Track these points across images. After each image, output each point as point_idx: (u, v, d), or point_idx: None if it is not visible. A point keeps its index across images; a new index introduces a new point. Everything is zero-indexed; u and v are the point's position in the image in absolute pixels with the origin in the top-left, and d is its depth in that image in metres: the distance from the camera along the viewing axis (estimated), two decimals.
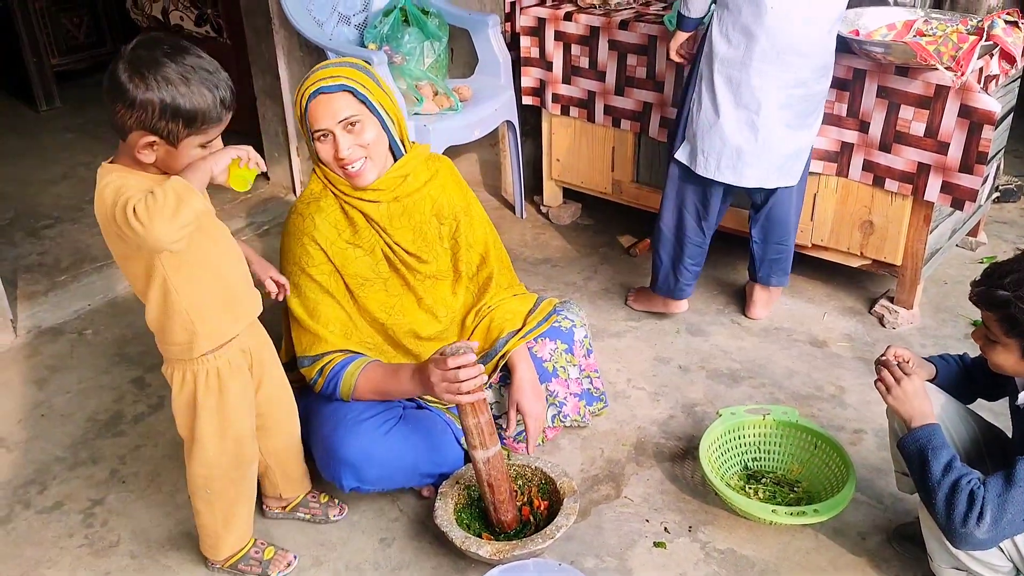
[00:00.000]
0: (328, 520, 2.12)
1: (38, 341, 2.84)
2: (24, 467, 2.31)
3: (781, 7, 2.34)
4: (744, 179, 2.54)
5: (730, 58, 2.43)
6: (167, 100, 1.46)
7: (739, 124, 2.47)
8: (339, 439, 1.98)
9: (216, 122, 1.53)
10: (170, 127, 1.48)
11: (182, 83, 1.46)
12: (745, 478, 2.21)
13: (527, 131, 3.56)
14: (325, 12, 3.31)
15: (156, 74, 1.46)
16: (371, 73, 2.00)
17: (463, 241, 2.20)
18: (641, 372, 2.65)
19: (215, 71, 1.52)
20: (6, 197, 3.82)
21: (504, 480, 1.94)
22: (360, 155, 1.97)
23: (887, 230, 2.75)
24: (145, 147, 1.51)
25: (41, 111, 4.84)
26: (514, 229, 3.52)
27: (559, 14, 3.17)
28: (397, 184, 2.05)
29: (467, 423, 1.88)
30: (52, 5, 4.84)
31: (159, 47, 1.49)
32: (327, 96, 1.92)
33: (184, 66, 1.48)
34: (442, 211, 2.16)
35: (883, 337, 2.80)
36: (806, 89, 2.45)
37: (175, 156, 1.53)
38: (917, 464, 1.68)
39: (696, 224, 2.68)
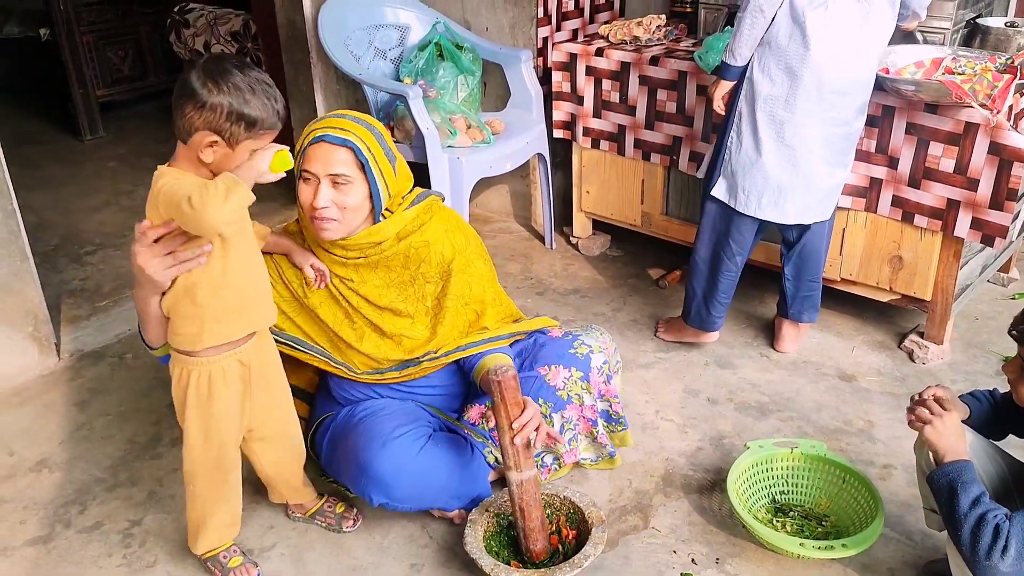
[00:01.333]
0: (340, 530, 2.18)
1: (80, 364, 2.91)
2: (65, 487, 2.37)
3: (826, 47, 2.37)
4: (786, 216, 2.57)
5: (774, 96, 2.46)
6: (234, 104, 1.64)
7: (781, 161, 2.50)
8: (371, 456, 2.01)
9: (271, 129, 1.70)
10: (233, 129, 1.66)
11: (248, 91, 1.65)
12: (773, 511, 2.22)
13: (557, 163, 3.62)
14: (362, 47, 3.40)
15: (227, 81, 1.65)
16: (382, 137, 1.98)
17: (455, 298, 2.13)
18: (669, 404, 2.67)
19: (273, 86, 1.71)
20: (51, 224, 3.94)
21: (536, 507, 1.97)
22: (334, 215, 1.94)
23: (916, 265, 2.76)
24: (207, 147, 1.67)
25: (85, 140, 4.99)
26: (544, 260, 3.57)
27: (590, 50, 3.23)
28: (367, 248, 2.04)
29: (504, 441, 1.91)
30: (99, 39, 5.01)
31: (229, 61, 1.69)
32: (329, 146, 1.91)
33: (250, 78, 1.67)
34: (423, 268, 2.11)
35: (913, 372, 2.80)
36: (847, 128, 2.50)
37: (230, 158, 1.69)
38: (946, 497, 1.69)
39: (730, 259, 2.71)
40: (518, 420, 1.90)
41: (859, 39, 2.40)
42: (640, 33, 3.20)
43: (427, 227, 2.11)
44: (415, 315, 2.13)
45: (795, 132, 2.47)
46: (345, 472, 2.10)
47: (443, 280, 2.13)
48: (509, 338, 2.22)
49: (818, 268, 2.77)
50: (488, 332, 2.19)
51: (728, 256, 2.71)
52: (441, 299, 2.13)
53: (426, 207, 2.11)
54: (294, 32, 3.57)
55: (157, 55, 5.28)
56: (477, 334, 2.18)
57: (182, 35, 4.56)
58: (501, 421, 1.91)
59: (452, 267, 2.12)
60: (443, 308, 2.13)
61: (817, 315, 2.86)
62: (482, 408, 2.23)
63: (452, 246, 2.13)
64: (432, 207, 2.13)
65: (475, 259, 2.18)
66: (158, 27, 5.14)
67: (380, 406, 2.13)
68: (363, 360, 2.14)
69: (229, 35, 4.31)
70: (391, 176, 2.00)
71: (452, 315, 2.14)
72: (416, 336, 2.13)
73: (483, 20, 3.53)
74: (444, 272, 2.12)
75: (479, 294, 2.18)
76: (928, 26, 2.82)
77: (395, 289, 2.11)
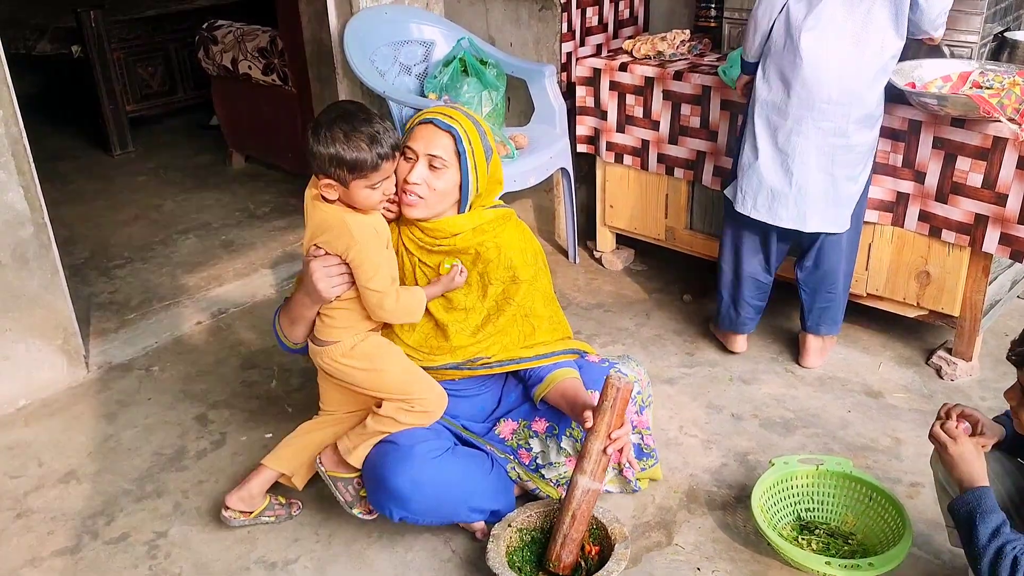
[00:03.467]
0: (291, 517, 2.29)
1: (108, 376, 2.95)
2: (93, 498, 2.40)
3: (817, 63, 2.44)
4: (778, 219, 2.63)
5: (770, 101, 2.56)
6: (332, 152, 1.87)
7: (775, 166, 2.59)
8: (388, 469, 2.02)
9: (373, 169, 1.89)
10: (337, 173, 1.89)
11: (345, 140, 1.87)
12: (798, 529, 2.19)
13: (581, 177, 3.62)
14: (387, 62, 3.43)
15: (328, 134, 1.87)
16: (484, 135, 2.08)
17: (517, 307, 2.16)
18: (693, 419, 2.65)
19: (380, 132, 1.89)
20: (81, 238, 4.00)
21: (586, 520, 1.97)
22: (423, 193, 2.04)
23: (944, 281, 2.73)
24: (326, 187, 1.93)
25: (115, 155, 5.06)
26: (567, 274, 3.57)
27: (614, 65, 3.24)
28: (443, 236, 2.10)
29: (591, 446, 1.92)
30: (129, 56, 5.09)
31: (335, 112, 1.91)
32: (434, 128, 2.04)
33: (349, 126, 1.87)
34: (490, 269, 2.15)
35: (941, 389, 2.76)
36: (847, 140, 2.51)
37: (349, 195, 1.93)
38: (966, 527, 1.67)
39: (750, 259, 2.77)
40: (616, 432, 1.92)
41: (853, 56, 2.45)
42: (664, 48, 3.21)
43: (502, 232, 2.17)
44: (470, 311, 2.16)
45: (787, 138, 2.54)
46: (365, 486, 2.11)
47: (507, 286, 2.16)
48: (569, 354, 2.24)
49: (833, 281, 2.75)
50: (543, 347, 2.21)
51: (745, 257, 2.77)
52: (502, 304, 2.16)
53: (505, 214, 2.19)
54: (320, 48, 3.61)
55: (186, 71, 5.35)
56: (532, 348, 2.20)
57: (210, 51, 4.62)
58: (600, 426, 1.91)
59: (520, 277, 2.16)
60: (501, 312, 2.16)
61: (837, 329, 2.84)
62: (515, 425, 2.24)
63: (523, 257, 2.18)
64: (510, 216, 2.21)
65: (542, 275, 2.24)
66: (187, 44, 5.21)
67: None
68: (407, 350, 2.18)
69: (256, 51, 4.36)
70: (484, 172, 2.09)
71: (507, 321, 2.16)
72: (462, 331, 2.16)
73: (507, 36, 3.55)
74: (510, 279, 2.16)
75: (539, 309, 2.22)
76: (955, 40, 2.80)
77: None
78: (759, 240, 2.75)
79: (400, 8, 3.51)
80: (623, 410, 1.93)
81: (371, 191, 1.93)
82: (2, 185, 2.58)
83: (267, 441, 2.57)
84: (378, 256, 2.00)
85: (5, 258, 2.64)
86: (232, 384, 2.87)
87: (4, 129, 2.55)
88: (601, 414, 1.92)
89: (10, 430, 2.68)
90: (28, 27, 5.24)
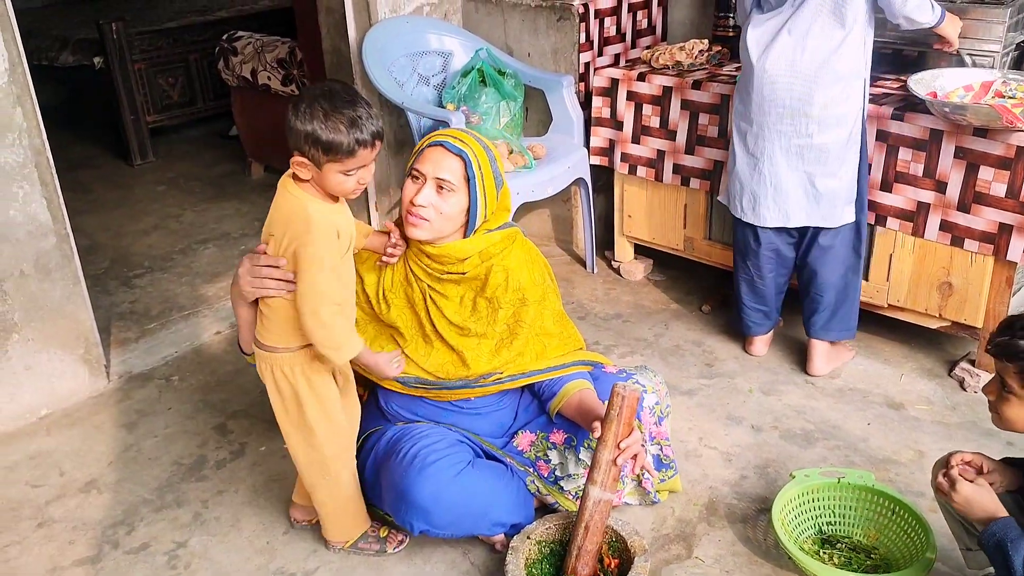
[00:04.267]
0: (386, 553, 2.21)
1: (129, 386, 2.97)
2: (114, 508, 2.41)
3: (765, 70, 2.58)
4: (763, 220, 2.75)
5: (739, 111, 2.73)
6: (308, 130, 1.77)
7: (749, 169, 2.73)
8: (409, 483, 2.01)
9: (348, 154, 1.79)
10: (312, 152, 1.79)
11: (324, 119, 1.76)
12: (820, 542, 2.17)
13: (599, 187, 3.62)
14: (405, 73, 3.44)
15: (308, 109, 1.77)
16: (494, 160, 2.06)
17: (528, 327, 2.16)
18: (712, 431, 2.64)
19: (362, 117, 1.79)
20: (101, 247, 4.03)
21: (600, 532, 1.95)
22: (429, 215, 2.02)
23: (967, 291, 2.71)
24: (299, 164, 1.83)
25: (135, 165, 5.09)
26: (585, 284, 3.56)
27: (632, 75, 3.24)
28: (451, 263, 2.09)
29: (599, 456, 1.90)
30: (150, 67, 5.13)
31: (319, 88, 1.81)
32: (444, 151, 2.02)
33: (330, 105, 1.77)
34: (499, 293, 2.13)
35: (964, 401, 2.73)
36: (810, 139, 2.61)
37: (321, 178, 1.83)
38: (999, 558, 1.66)
39: (752, 263, 2.85)
40: (625, 440, 1.90)
41: (800, 61, 2.54)
42: (682, 58, 3.20)
43: (509, 254, 2.15)
44: (482, 337, 2.15)
45: (755, 142, 2.68)
46: (386, 499, 2.11)
47: (516, 308, 2.15)
48: (582, 365, 2.23)
49: (821, 284, 2.78)
50: (556, 360, 2.20)
51: (750, 260, 2.85)
52: (513, 326, 2.15)
53: (510, 234, 2.17)
54: (339, 59, 3.63)
55: (206, 82, 5.39)
56: (548, 360, 2.20)
57: (230, 62, 4.65)
58: (607, 436, 1.90)
59: (529, 297, 2.15)
60: (514, 335, 2.16)
61: (839, 335, 2.84)
62: (532, 437, 2.23)
63: (531, 277, 2.17)
64: (515, 236, 2.19)
65: (550, 293, 2.23)
66: (207, 55, 5.25)
67: (422, 433, 2.13)
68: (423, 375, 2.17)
69: (276, 62, 4.39)
70: (492, 198, 2.07)
71: (521, 343, 2.16)
72: (479, 356, 2.15)
73: (525, 46, 3.56)
74: (519, 300, 2.15)
75: (549, 328, 2.22)
76: (977, 49, 2.79)
77: (468, 308, 2.15)
78: (752, 244, 2.82)
79: (418, 19, 3.53)
80: (631, 418, 1.91)
81: (345, 177, 1.83)
82: (26, 196, 2.61)
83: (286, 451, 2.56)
84: (323, 273, 1.85)
85: (28, 268, 2.67)
86: (251, 394, 2.88)
87: (28, 141, 2.57)
88: (608, 423, 1.91)
89: (32, 439, 2.70)
90: (51, 38, 5.31)
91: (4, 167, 2.55)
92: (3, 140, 2.53)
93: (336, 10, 3.51)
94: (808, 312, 2.85)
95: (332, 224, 1.87)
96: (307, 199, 1.86)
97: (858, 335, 3.02)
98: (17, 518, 2.38)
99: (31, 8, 6.03)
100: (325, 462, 2.06)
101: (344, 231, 1.90)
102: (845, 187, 2.66)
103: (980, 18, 2.74)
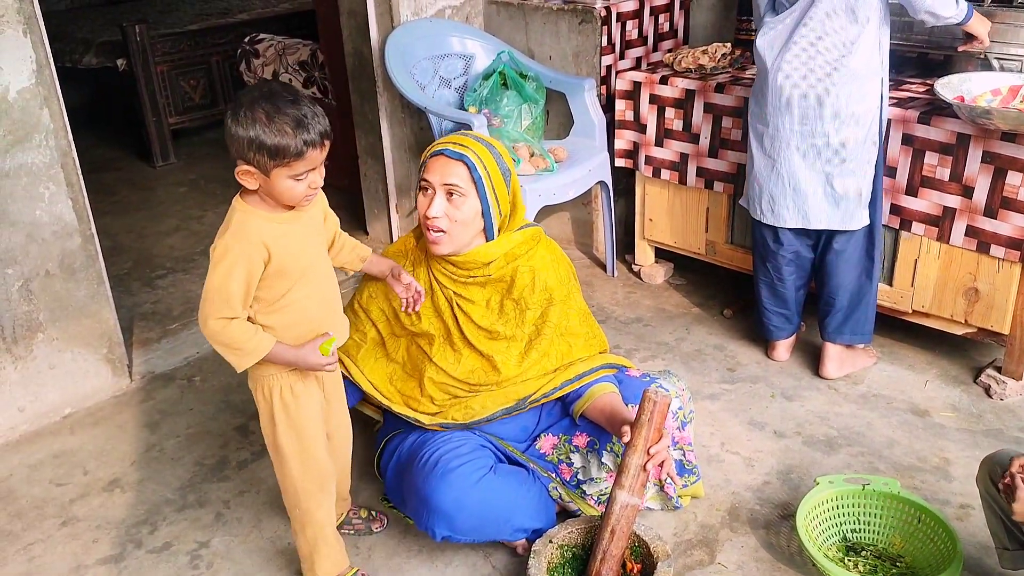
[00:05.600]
0: (371, 533, 2.24)
1: (151, 386, 2.98)
2: (136, 507, 2.42)
3: (780, 71, 2.58)
4: (782, 221, 2.74)
5: (755, 113, 2.73)
6: (252, 135, 1.66)
7: (767, 171, 2.72)
8: (432, 488, 2.01)
9: (296, 157, 1.68)
10: (258, 158, 1.68)
11: (267, 122, 1.65)
12: (844, 550, 2.15)
13: (620, 190, 3.61)
14: (427, 76, 3.45)
15: (248, 113, 1.66)
16: (500, 157, 2.06)
17: (553, 327, 2.18)
18: (735, 436, 2.62)
19: (307, 116, 1.68)
20: (124, 248, 4.06)
21: (625, 536, 1.94)
22: (444, 226, 2.02)
23: (993, 297, 2.68)
24: (244, 174, 1.72)
25: (157, 166, 5.14)
26: (605, 288, 3.55)
27: (655, 78, 3.23)
28: (476, 268, 2.10)
29: (628, 460, 1.90)
30: (172, 69, 5.17)
31: (258, 90, 1.70)
32: (446, 159, 2.02)
33: (272, 107, 1.66)
34: (526, 294, 2.15)
35: (990, 408, 2.70)
36: (826, 139, 2.59)
37: (270, 184, 1.72)
38: None
39: (771, 265, 2.84)
40: (655, 446, 1.90)
41: (814, 60, 2.53)
42: (705, 61, 3.19)
43: (534, 254, 2.16)
44: (511, 339, 2.16)
45: (772, 143, 2.68)
46: (408, 504, 2.11)
47: (543, 308, 2.16)
48: (607, 368, 2.23)
49: (836, 284, 2.77)
50: (581, 365, 2.20)
51: (770, 263, 2.84)
52: (540, 326, 2.17)
53: (534, 234, 2.17)
54: (361, 61, 3.64)
55: (227, 83, 5.43)
56: (571, 368, 2.20)
57: (252, 64, 4.68)
58: (638, 440, 1.90)
59: (555, 297, 2.17)
60: (540, 335, 2.17)
61: (845, 339, 2.82)
62: (555, 440, 2.22)
63: (557, 276, 2.18)
64: (539, 236, 2.20)
65: (575, 292, 2.24)
66: (229, 57, 5.29)
67: (444, 438, 2.13)
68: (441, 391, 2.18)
69: (297, 64, 4.41)
70: (504, 196, 2.07)
71: (547, 343, 2.17)
72: (509, 360, 2.16)
73: (547, 49, 3.55)
74: (546, 300, 2.16)
75: (575, 327, 2.22)
76: (1005, 53, 2.76)
77: (495, 311, 2.15)
78: (772, 246, 2.81)
79: (441, 22, 3.53)
80: (661, 424, 1.91)
81: (294, 183, 1.71)
82: (52, 197, 2.63)
83: None
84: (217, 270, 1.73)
85: (53, 268, 2.69)
86: None
87: (54, 142, 2.60)
88: (639, 428, 1.90)
89: (56, 438, 2.72)
90: (75, 41, 5.36)
91: (31, 168, 2.57)
92: (30, 141, 2.55)
93: (358, 12, 3.52)
94: (822, 315, 2.85)
95: (256, 233, 1.74)
96: (242, 207, 1.76)
97: (882, 341, 3.01)
98: (41, 516, 2.40)
99: (55, 11, 6.10)
100: (297, 495, 1.96)
101: (283, 243, 1.76)
102: (864, 187, 2.65)
103: (1008, 22, 2.71)
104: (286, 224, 1.78)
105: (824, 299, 2.82)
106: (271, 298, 1.80)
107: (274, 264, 1.76)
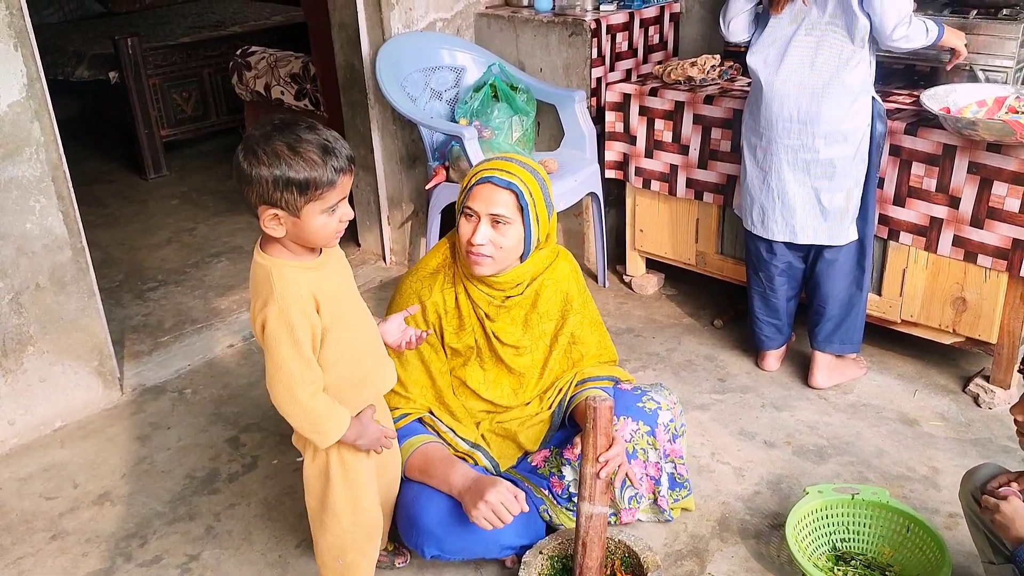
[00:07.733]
0: (394, 567, 2.18)
1: (142, 399, 2.98)
2: (127, 520, 2.42)
3: (775, 87, 2.61)
4: (771, 233, 2.77)
5: (749, 125, 2.76)
6: (277, 172, 1.52)
7: (759, 184, 2.76)
8: (421, 508, 2.02)
9: (329, 187, 1.55)
10: (286, 197, 1.54)
11: (291, 155, 1.52)
12: (834, 559, 2.16)
13: (611, 201, 3.62)
14: (418, 88, 3.46)
15: (265, 149, 1.52)
16: (544, 185, 2.04)
17: (566, 335, 2.22)
18: (725, 446, 2.63)
19: (329, 140, 1.56)
20: (116, 260, 4.06)
21: (599, 546, 1.94)
22: (489, 252, 2.01)
23: (981, 307, 2.70)
24: (271, 220, 1.57)
25: (149, 179, 5.13)
26: (596, 298, 3.51)
27: (644, 90, 3.25)
28: (511, 288, 2.11)
29: (583, 471, 1.90)
30: (164, 81, 5.18)
31: (270, 125, 1.56)
32: (494, 187, 1.99)
33: (293, 137, 1.53)
34: (550, 306, 2.18)
35: (978, 417, 2.72)
36: (816, 154, 2.62)
37: (301, 226, 1.58)
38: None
39: (763, 275, 2.87)
40: (605, 453, 1.90)
41: (809, 78, 2.57)
42: (694, 73, 3.21)
43: (556, 266, 2.19)
44: (533, 352, 2.19)
45: (764, 156, 2.71)
46: (398, 523, 2.11)
47: (563, 317, 2.20)
48: (606, 380, 2.25)
49: (827, 294, 2.79)
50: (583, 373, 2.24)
51: (762, 273, 2.87)
52: (557, 335, 2.20)
53: (554, 250, 2.20)
54: (352, 74, 3.65)
55: (220, 96, 5.44)
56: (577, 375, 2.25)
57: (244, 77, 4.69)
58: (587, 449, 1.90)
59: (572, 306, 2.21)
60: (556, 344, 2.21)
61: (835, 348, 2.84)
62: (547, 453, 2.23)
63: (577, 286, 2.23)
64: (557, 250, 2.22)
65: (590, 301, 2.28)
66: (221, 69, 5.30)
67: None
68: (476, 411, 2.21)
69: (289, 77, 4.43)
70: (545, 222, 2.08)
71: (559, 352, 2.22)
72: (532, 376, 2.21)
73: (537, 61, 3.57)
74: (564, 310, 2.20)
75: (586, 336, 2.26)
76: (990, 65, 2.79)
77: (520, 326, 2.18)
78: (764, 256, 2.84)
79: (431, 34, 3.55)
80: (608, 430, 1.92)
81: (327, 218, 1.57)
82: (43, 210, 2.63)
83: (299, 465, 2.57)
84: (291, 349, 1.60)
85: (44, 281, 2.68)
86: (264, 407, 2.88)
87: (45, 155, 2.60)
88: (586, 437, 1.92)
89: (46, 451, 2.71)
90: (67, 54, 5.36)
91: (22, 181, 2.57)
92: (21, 154, 2.55)
93: (349, 25, 3.54)
94: (812, 324, 2.87)
95: (303, 286, 1.61)
96: (274, 263, 1.62)
97: (871, 350, 3.02)
98: (31, 530, 2.39)
99: (48, 24, 6.11)
100: (344, 549, 1.88)
101: (325, 289, 1.64)
102: (851, 204, 2.67)
103: (993, 34, 2.74)
104: (321, 271, 1.66)
105: (814, 308, 2.84)
106: (325, 356, 1.68)
107: (324, 316, 1.64)
